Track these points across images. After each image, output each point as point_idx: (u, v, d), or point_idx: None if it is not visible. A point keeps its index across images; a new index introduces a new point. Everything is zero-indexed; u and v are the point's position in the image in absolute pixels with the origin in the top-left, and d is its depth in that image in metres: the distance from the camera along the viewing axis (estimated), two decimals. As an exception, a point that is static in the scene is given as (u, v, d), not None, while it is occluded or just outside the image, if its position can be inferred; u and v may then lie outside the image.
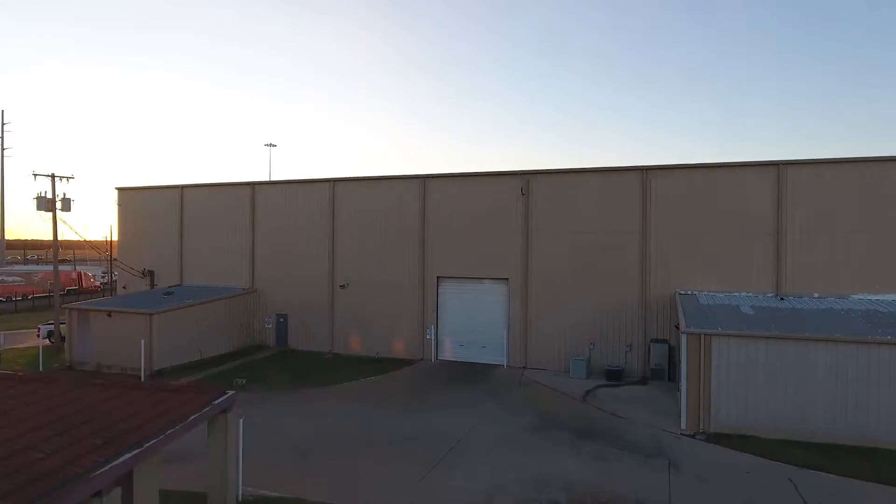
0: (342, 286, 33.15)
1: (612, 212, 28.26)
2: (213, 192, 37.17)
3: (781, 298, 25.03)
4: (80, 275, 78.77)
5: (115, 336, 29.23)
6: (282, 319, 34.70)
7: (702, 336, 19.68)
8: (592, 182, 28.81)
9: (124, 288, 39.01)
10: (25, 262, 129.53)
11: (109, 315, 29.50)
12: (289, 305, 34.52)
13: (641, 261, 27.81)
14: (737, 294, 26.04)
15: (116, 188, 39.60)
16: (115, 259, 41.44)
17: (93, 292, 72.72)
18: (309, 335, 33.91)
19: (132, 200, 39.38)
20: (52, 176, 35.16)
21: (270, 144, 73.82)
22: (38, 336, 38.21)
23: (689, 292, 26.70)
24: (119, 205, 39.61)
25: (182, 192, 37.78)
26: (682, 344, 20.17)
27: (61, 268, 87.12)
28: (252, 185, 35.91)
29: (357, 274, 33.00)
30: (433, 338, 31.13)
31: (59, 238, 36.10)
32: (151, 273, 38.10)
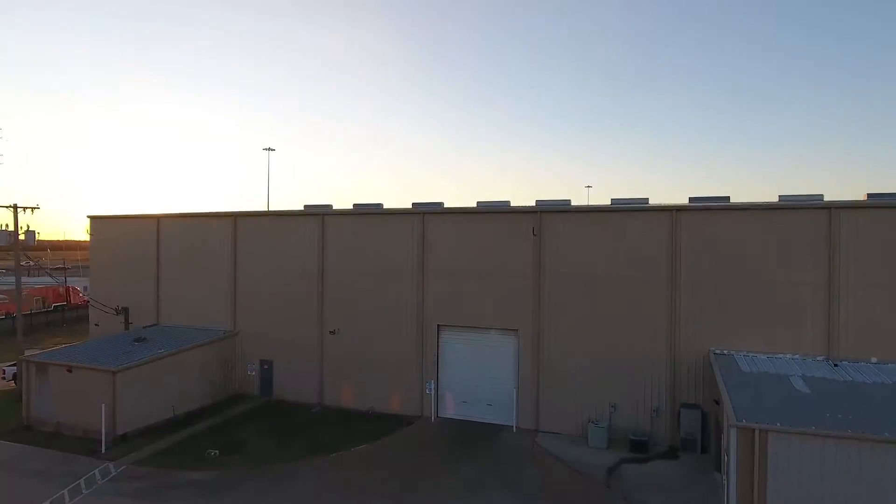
0: (332, 332, 29.84)
1: (637, 256, 24.90)
2: (191, 224, 33.87)
3: (835, 365, 21.67)
4: (68, 290, 75.50)
5: (75, 393, 25.98)
6: (266, 366, 31.42)
7: (756, 432, 16.34)
8: (614, 223, 25.42)
9: (97, 325, 35.80)
10: (18, 268, 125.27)
11: (69, 371, 26.25)
12: (274, 351, 31.23)
13: (670, 312, 24.46)
14: (781, 356, 22.68)
15: (88, 216, 36.39)
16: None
17: (82, 308, 69.40)
18: (296, 384, 30.62)
19: (105, 230, 36.13)
20: (15, 207, 31.96)
21: (269, 149, 70.54)
22: (3, 378, 35.04)
23: (725, 352, 23.38)
24: (91, 234, 36.38)
25: (158, 223, 34.50)
26: (730, 439, 16.81)
27: (50, 281, 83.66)
28: (234, 217, 32.60)
29: (348, 319, 29.69)
30: (433, 393, 27.82)
31: (62, 238, 33.04)
32: (126, 310, 34.80)
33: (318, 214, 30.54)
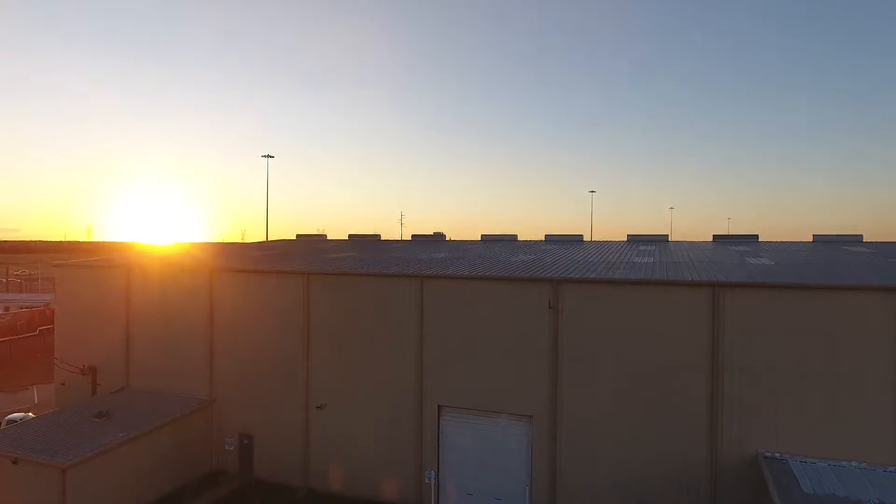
0: (319, 407, 26.39)
1: (672, 338, 21.37)
2: (165, 276, 30.41)
3: (915, 482, 18.11)
4: (54, 312, 71.89)
5: (22, 488, 22.65)
6: (246, 441, 27.97)
7: None
8: (644, 297, 21.88)
9: (62, 384, 32.43)
10: (8, 279, 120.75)
11: (15, 462, 22.85)
12: (255, 424, 27.79)
13: (710, 404, 20.94)
14: (846, 465, 19.13)
15: (54, 265, 33.02)
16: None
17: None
18: (279, 463, 27.19)
19: (72, 280, 32.74)
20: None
21: (268, 156, 67.91)
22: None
23: (778, 456, 19.85)
24: (57, 284, 33.02)
25: (129, 273, 31.08)
26: None
27: (42, 297, 79.75)
28: (210, 272, 29.12)
29: (337, 392, 26.24)
30: (433, 483, 24.34)
31: (62, 240, 29.89)
32: (93, 370, 31.47)
33: (302, 273, 27.04)
